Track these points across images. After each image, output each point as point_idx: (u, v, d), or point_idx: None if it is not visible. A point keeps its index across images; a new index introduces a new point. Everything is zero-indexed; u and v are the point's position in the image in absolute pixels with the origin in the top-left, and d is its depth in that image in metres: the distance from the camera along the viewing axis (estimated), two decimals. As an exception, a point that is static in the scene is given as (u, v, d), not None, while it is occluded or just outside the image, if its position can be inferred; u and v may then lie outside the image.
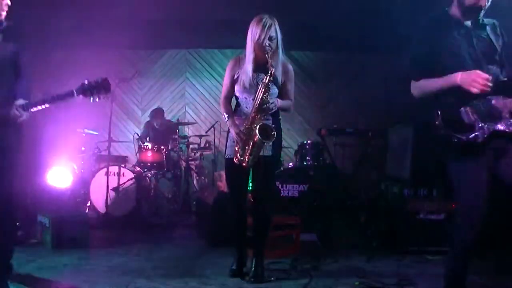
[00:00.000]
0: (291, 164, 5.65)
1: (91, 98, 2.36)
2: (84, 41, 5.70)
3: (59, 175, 5.14)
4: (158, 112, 5.91)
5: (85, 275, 2.87)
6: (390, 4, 4.66)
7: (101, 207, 4.81)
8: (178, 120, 6.01)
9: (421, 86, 2.24)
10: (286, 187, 5.00)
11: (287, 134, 6.74)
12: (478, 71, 2.02)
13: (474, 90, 2.00)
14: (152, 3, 4.75)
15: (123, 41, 5.92)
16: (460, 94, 2.06)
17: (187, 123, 5.97)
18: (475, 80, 1.99)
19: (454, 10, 2.22)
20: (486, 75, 2.00)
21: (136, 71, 4.93)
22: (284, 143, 6.57)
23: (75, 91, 2.32)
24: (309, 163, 5.40)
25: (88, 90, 2.35)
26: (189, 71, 6.84)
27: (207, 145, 5.95)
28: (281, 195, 4.90)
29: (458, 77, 2.04)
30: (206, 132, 5.84)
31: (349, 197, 5.36)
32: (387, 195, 4.13)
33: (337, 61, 6.75)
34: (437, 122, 2.12)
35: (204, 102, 6.79)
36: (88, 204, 4.90)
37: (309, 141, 5.59)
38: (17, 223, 2.66)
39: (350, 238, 4.06)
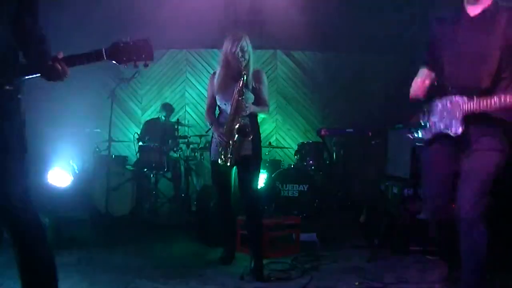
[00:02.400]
0: (291, 164, 5.65)
1: (125, 64, 1.91)
2: (84, 41, 5.69)
3: (59, 175, 5.15)
4: (168, 106, 5.95)
5: (85, 275, 2.87)
6: (391, 5, 4.67)
7: (101, 207, 4.81)
8: (178, 120, 6.00)
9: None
10: (286, 187, 5.00)
11: (287, 134, 6.75)
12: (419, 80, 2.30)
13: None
14: (152, 3, 4.76)
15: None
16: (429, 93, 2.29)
17: (187, 125, 5.97)
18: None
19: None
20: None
21: (136, 71, 4.92)
22: (284, 143, 6.61)
23: (104, 52, 1.87)
24: (309, 163, 5.40)
25: (122, 53, 1.89)
26: (190, 71, 6.84)
27: (207, 145, 5.94)
28: (281, 195, 4.91)
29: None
30: (206, 132, 5.83)
31: (349, 197, 5.37)
32: (387, 195, 4.13)
33: (337, 61, 6.75)
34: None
35: (204, 102, 6.75)
36: (88, 204, 4.89)
37: (309, 141, 5.60)
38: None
39: (350, 238, 4.06)
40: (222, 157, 2.99)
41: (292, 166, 5.48)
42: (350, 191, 5.53)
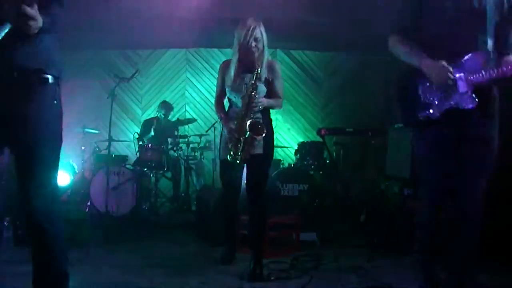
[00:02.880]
0: (291, 163, 5.65)
1: None
2: (84, 41, 5.70)
3: (59, 174, 5.14)
4: (167, 105, 5.95)
5: (85, 275, 2.87)
6: (391, 4, 4.66)
7: (101, 206, 4.81)
8: (178, 119, 6.01)
9: (396, 47, 2.24)
10: (286, 186, 4.99)
11: (287, 133, 6.75)
12: (443, 64, 2.02)
13: (434, 82, 2.07)
14: (151, 2, 4.75)
15: (123, 40, 5.92)
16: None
17: (187, 121, 5.97)
18: (438, 74, 2.03)
19: None
20: (448, 70, 2.01)
21: (136, 70, 4.93)
22: (284, 143, 6.60)
23: None
24: (309, 162, 5.40)
25: None
26: (189, 70, 6.84)
27: (207, 144, 5.95)
28: (281, 194, 4.90)
29: (423, 64, 2.08)
30: (206, 131, 5.84)
31: (349, 197, 5.37)
32: (387, 194, 4.13)
33: (337, 61, 6.75)
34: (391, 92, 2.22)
35: (204, 102, 6.79)
36: (88, 203, 4.90)
37: (309, 141, 5.60)
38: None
39: (350, 238, 4.06)
40: (232, 153, 2.84)
41: (292, 166, 5.48)
42: (350, 190, 5.53)
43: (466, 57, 2.03)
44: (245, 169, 3.07)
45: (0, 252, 3.31)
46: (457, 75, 2.04)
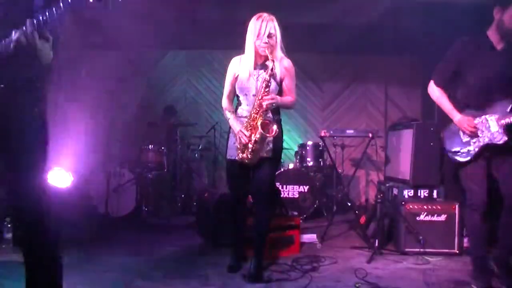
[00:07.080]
0: (291, 165, 5.65)
1: None
2: (84, 41, 5.70)
3: (59, 175, 5.14)
4: (171, 109, 5.93)
5: (85, 275, 2.87)
6: (390, 5, 4.68)
7: (101, 207, 4.81)
8: (178, 121, 6.01)
9: (437, 97, 2.75)
10: (286, 188, 5.00)
11: (288, 135, 6.74)
12: (470, 120, 2.58)
13: (465, 133, 2.61)
14: (152, 4, 4.75)
15: (123, 41, 5.92)
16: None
17: (187, 124, 5.98)
18: (465, 128, 2.59)
19: (491, 33, 2.59)
20: (473, 124, 2.56)
21: (134, 71, 4.93)
22: (284, 144, 6.58)
23: None
24: (309, 164, 5.41)
25: None
26: (190, 72, 6.84)
27: (207, 145, 5.96)
28: (282, 196, 4.91)
29: (456, 119, 2.64)
30: (207, 133, 5.85)
31: (349, 198, 5.37)
32: (387, 196, 4.13)
33: (338, 62, 6.75)
34: (441, 135, 2.77)
35: (205, 103, 6.79)
36: (88, 205, 4.90)
37: (309, 142, 5.60)
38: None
39: (350, 239, 4.06)
40: (240, 153, 2.77)
41: (292, 167, 5.48)
42: (350, 192, 5.53)
43: (501, 105, 2.53)
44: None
45: (0, 253, 3.31)
46: (492, 117, 2.54)
